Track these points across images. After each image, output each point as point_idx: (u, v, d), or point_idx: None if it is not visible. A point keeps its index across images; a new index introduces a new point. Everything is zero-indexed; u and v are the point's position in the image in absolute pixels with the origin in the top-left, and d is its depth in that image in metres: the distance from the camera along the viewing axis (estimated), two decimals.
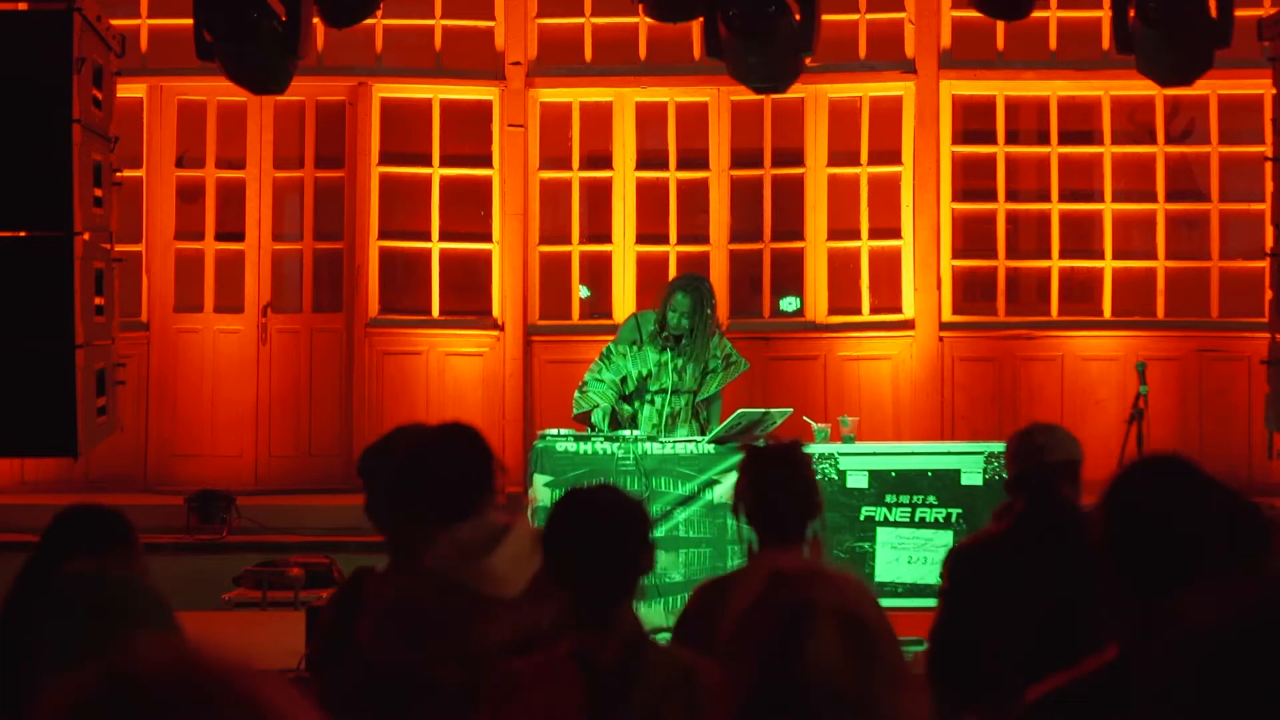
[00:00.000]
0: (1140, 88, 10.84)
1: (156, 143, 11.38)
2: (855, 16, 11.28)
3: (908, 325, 11.19)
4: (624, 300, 11.31)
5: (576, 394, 8.52)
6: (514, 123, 11.40)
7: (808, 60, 8.59)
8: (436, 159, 11.52)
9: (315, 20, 8.58)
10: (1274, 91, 8.92)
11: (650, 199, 11.52)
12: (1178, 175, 11.40)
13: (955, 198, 11.33)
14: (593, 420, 8.33)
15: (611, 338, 8.74)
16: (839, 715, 2.20)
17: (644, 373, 8.37)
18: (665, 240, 11.47)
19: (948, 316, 11.21)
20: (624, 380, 8.40)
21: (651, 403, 8.36)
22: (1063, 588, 4.43)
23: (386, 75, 11.47)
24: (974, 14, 8.87)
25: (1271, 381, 8.62)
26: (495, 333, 11.34)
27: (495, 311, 11.40)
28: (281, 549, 9.33)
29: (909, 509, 8.07)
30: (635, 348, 8.41)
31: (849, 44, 11.29)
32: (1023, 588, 4.58)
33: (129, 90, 10.53)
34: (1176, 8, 7.91)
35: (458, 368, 11.33)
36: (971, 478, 8.09)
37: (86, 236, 7.14)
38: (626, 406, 8.50)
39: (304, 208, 11.56)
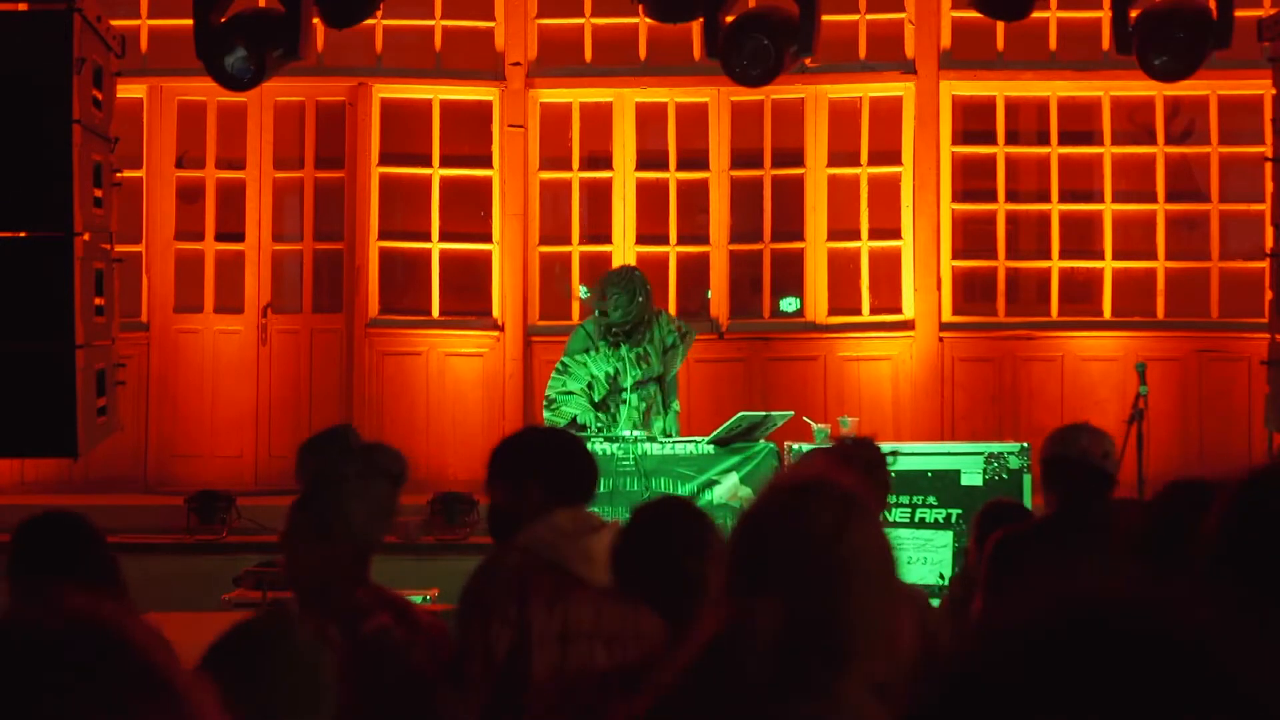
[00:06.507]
0: (1140, 88, 10.85)
1: (156, 143, 11.38)
2: (855, 17, 11.28)
3: (908, 325, 11.19)
4: None
5: (548, 413, 8.44)
6: (514, 123, 11.40)
7: (808, 60, 8.59)
8: (436, 159, 11.52)
9: (315, 20, 8.58)
10: (1274, 91, 8.92)
11: (650, 199, 11.52)
12: (1178, 176, 11.40)
13: (955, 198, 11.33)
14: (580, 422, 8.31)
15: None
16: None
17: (610, 372, 8.37)
18: (665, 241, 11.47)
19: (948, 317, 11.21)
20: (591, 386, 8.38)
21: (625, 402, 8.35)
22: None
23: (386, 75, 11.46)
24: (974, 14, 8.87)
25: (1271, 382, 8.62)
26: (495, 333, 11.34)
27: (495, 312, 11.39)
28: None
29: (909, 509, 8.07)
30: (593, 354, 8.39)
31: (849, 44, 11.28)
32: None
33: (129, 90, 10.53)
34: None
35: (458, 368, 11.32)
36: (971, 478, 8.08)
37: (86, 237, 7.14)
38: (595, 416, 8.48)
39: (304, 208, 11.56)
